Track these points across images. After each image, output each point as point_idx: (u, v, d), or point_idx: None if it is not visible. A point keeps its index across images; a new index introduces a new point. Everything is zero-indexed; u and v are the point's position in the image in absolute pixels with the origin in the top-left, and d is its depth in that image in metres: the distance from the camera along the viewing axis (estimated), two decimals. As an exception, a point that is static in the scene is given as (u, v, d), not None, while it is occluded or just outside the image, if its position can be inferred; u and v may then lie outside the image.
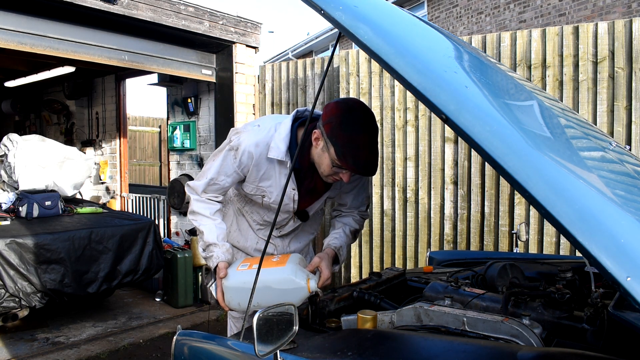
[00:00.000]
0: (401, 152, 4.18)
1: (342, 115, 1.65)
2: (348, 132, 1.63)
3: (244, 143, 1.82)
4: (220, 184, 1.90)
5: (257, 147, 1.81)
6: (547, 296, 1.47)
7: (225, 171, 1.87)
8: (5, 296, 3.64)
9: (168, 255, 4.91)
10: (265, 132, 1.83)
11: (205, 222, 1.91)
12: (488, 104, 1.03)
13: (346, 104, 1.69)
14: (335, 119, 1.65)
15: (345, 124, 1.63)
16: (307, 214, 2.05)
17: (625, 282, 0.75)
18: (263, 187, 1.90)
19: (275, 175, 1.87)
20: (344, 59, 4.41)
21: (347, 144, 1.63)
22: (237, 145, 1.83)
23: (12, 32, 3.71)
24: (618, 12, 7.48)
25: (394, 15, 1.30)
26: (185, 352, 1.44)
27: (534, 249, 3.64)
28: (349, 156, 1.63)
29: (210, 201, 1.94)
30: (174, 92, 5.88)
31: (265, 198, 1.93)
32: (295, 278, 1.65)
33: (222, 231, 1.91)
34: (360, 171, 1.69)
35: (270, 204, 1.95)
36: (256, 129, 1.87)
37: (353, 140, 1.63)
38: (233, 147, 1.84)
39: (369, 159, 1.66)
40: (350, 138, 1.63)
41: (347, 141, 1.63)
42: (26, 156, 4.75)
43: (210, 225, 1.90)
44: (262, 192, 1.92)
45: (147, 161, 12.20)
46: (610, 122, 3.43)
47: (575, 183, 0.90)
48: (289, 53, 15.22)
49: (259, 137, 1.83)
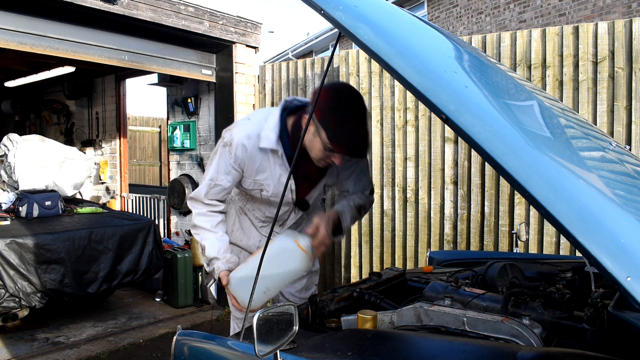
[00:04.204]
0: (401, 152, 4.18)
1: (331, 99, 1.68)
2: (338, 116, 1.67)
3: (237, 137, 1.85)
4: (221, 184, 1.91)
5: (249, 139, 1.84)
6: (547, 296, 1.47)
7: (223, 169, 1.89)
8: (5, 296, 3.63)
9: (168, 255, 4.91)
10: (256, 124, 1.87)
11: (207, 235, 1.93)
12: (488, 104, 1.03)
13: (335, 89, 1.73)
14: (326, 103, 1.68)
15: (335, 108, 1.68)
16: (307, 203, 2.06)
17: (625, 282, 0.75)
18: (260, 180, 1.92)
19: (270, 166, 1.89)
20: (344, 59, 4.41)
21: (338, 128, 1.67)
22: (230, 141, 1.86)
23: (12, 32, 3.71)
24: (618, 12, 7.48)
25: (394, 15, 1.30)
26: (185, 352, 1.44)
27: (534, 249, 3.64)
28: (340, 139, 1.67)
29: (212, 214, 1.95)
30: (174, 92, 5.88)
31: (263, 192, 1.95)
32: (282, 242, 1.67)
33: (224, 244, 1.93)
34: (352, 153, 1.73)
35: (270, 197, 1.96)
36: (247, 122, 1.92)
37: (344, 123, 1.67)
38: (227, 143, 1.87)
39: (360, 141, 1.71)
40: (340, 121, 1.67)
41: (338, 125, 1.67)
42: (26, 156, 4.75)
43: (212, 240, 1.92)
44: (260, 186, 1.94)
45: (147, 161, 12.20)
46: (610, 122, 3.43)
47: (575, 183, 0.90)
48: (289, 53, 15.23)
49: (250, 129, 1.86)
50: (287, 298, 2.18)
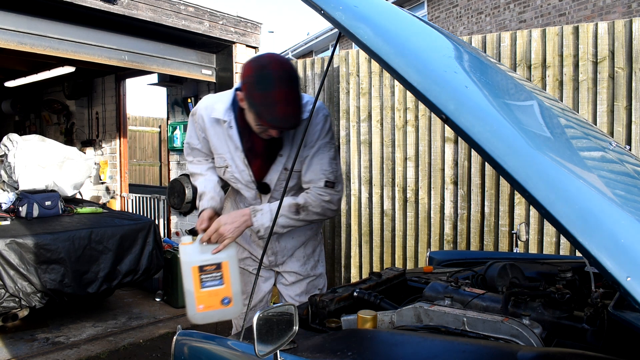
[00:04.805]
0: (401, 152, 4.18)
1: (254, 74, 1.69)
2: (262, 90, 1.67)
3: (199, 107, 2.00)
4: (197, 147, 2.07)
5: (206, 109, 1.96)
6: (547, 296, 1.47)
7: (193, 134, 2.05)
8: (5, 296, 3.63)
9: (168, 255, 4.91)
10: (217, 96, 2.01)
11: (198, 178, 2.11)
12: (488, 104, 1.03)
13: (258, 62, 1.72)
14: (249, 78, 1.69)
15: (258, 82, 1.67)
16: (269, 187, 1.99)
17: (625, 282, 0.75)
18: (222, 154, 1.98)
19: (224, 139, 1.95)
20: (344, 59, 4.41)
21: (262, 102, 1.67)
22: (195, 111, 2.02)
23: (12, 32, 3.71)
24: (618, 12, 7.48)
25: (394, 15, 1.30)
26: (185, 352, 1.44)
27: (534, 249, 3.64)
28: (265, 113, 1.68)
29: (200, 162, 2.12)
30: (174, 92, 5.88)
31: (228, 169, 1.99)
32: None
33: (211, 182, 2.07)
34: (279, 126, 1.73)
35: (234, 174, 1.99)
36: (211, 95, 2.07)
37: (268, 96, 1.66)
38: (193, 113, 2.03)
39: (287, 112, 1.69)
40: (265, 95, 1.66)
41: (263, 99, 1.67)
42: (26, 156, 4.74)
43: (201, 179, 2.09)
44: (225, 163, 1.99)
45: (147, 161, 12.20)
46: (610, 122, 3.43)
47: (575, 183, 0.90)
48: (289, 53, 15.23)
49: (208, 101, 2.00)
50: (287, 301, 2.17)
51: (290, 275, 2.17)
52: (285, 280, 2.18)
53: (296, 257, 2.16)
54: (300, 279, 2.17)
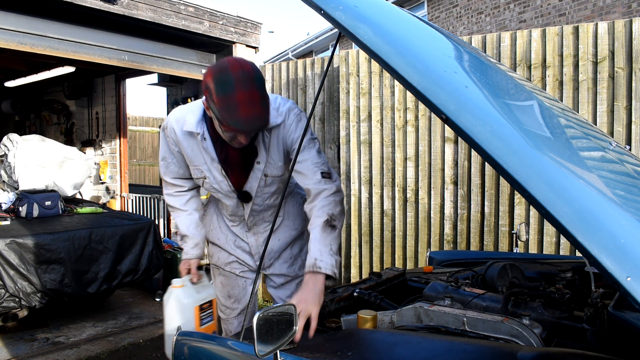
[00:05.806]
0: (401, 152, 4.18)
1: (214, 79, 1.63)
2: (222, 95, 1.60)
3: (169, 121, 1.93)
4: (172, 164, 2.01)
5: (177, 122, 1.90)
6: (547, 296, 1.47)
7: (167, 149, 1.98)
8: (5, 296, 3.63)
9: (168, 255, 4.90)
10: (186, 108, 1.94)
11: (179, 214, 2.09)
12: (488, 104, 1.03)
13: (218, 66, 1.67)
14: (210, 84, 1.64)
15: (218, 86, 1.61)
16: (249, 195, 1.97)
17: (625, 282, 0.75)
18: (198, 166, 1.94)
19: (199, 151, 1.90)
20: (344, 59, 4.41)
21: (224, 107, 1.61)
22: (165, 125, 1.95)
23: (12, 32, 3.71)
24: (618, 12, 7.48)
25: (394, 15, 1.30)
26: (185, 352, 1.44)
27: (534, 249, 3.64)
28: (228, 117, 1.62)
29: (179, 194, 2.08)
30: (174, 92, 5.88)
31: (206, 180, 1.95)
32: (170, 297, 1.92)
33: (193, 222, 2.06)
34: (242, 129, 1.65)
35: (213, 185, 1.96)
36: (182, 107, 1.99)
37: (228, 100, 1.60)
38: (164, 127, 1.96)
39: (250, 114, 1.62)
40: (225, 100, 1.60)
41: (224, 104, 1.61)
42: (26, 156, 4.74)
43: (182, 217, 2.07)
44: (202, 174, 1.95)
45: (147, 161, 12.19)
46: (610, 122, 3.43)
47: (575, 183, 0.90)
48: (289, 53, 15.22)
49: (179, 113, 1.93)
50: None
51: (279, 277, 2.17)
52: (274, 282, 2.19)
53: (283, 258, 2.16)
54: (289, 280, 2.17)
